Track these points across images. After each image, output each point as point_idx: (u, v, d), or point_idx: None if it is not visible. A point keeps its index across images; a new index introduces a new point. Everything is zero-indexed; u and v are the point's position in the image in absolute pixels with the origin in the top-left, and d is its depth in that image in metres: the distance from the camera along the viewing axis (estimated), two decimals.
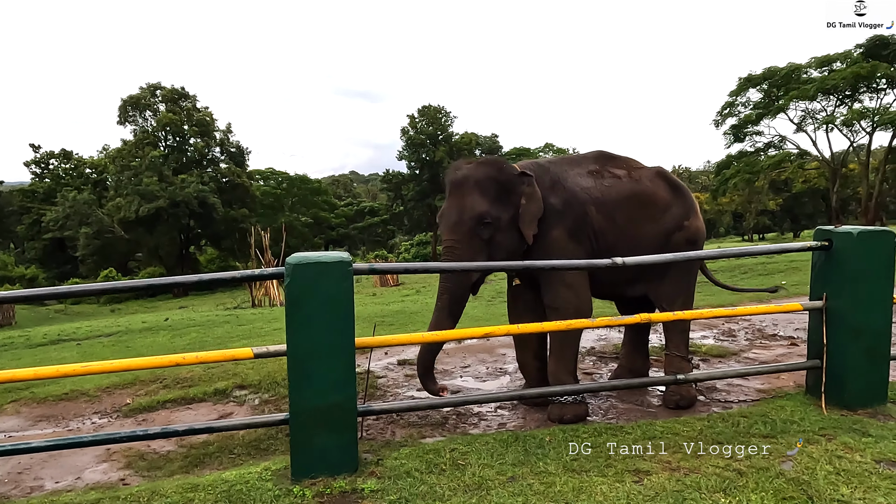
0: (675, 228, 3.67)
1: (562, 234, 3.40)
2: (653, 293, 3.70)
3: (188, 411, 3.99)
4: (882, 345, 3.19)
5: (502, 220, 3.30)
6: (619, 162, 3.77)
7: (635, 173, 3.70)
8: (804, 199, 46.38)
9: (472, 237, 3.26)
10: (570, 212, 3.43)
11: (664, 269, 3.59)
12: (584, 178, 3.58)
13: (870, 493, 2.21)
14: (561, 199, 3.45)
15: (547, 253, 3.36)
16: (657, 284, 3.67)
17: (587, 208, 3.47)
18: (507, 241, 3.34)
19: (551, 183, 3.48)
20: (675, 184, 3.80)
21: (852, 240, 3.09)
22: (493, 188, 3.31)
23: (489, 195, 3.28)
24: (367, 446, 2.94)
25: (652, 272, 3.61)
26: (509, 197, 3.32)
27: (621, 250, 3.40)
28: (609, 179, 3.61)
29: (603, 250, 3.47)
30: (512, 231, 3.34)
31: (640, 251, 3.41)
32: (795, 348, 4.88)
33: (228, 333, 7.50)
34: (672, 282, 3.66)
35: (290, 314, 2.52)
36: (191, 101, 36.90)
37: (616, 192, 3.57)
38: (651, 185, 3.67)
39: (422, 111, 47.08)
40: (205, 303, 19.42)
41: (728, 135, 28.79)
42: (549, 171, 3.55)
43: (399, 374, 4.65)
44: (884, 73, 23.09)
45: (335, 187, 64.92)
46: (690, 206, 3.78)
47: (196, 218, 34.59)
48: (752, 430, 2.90)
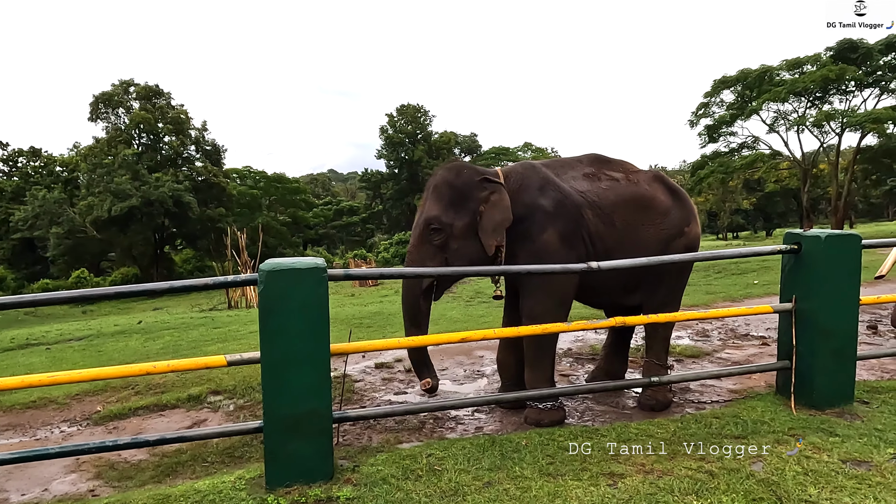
0: (677, 234, 3.57)
1: (553, 237, 3.26)
2: (647, 302, 3.60)
3: (161, 418, 3.92)
4: (849, 346, 3.26)
5: (456, 226, 3.19)
6: (615, 165, 3.69)
7: (633, 176, 3.61)
8: (776, 198, 47.42)
9: (422, 243, 3.21)
10: (563, 214, 3.30)
11: (661, 278, 3.53)
12: (579, 180, 3.47)
13: (836, 493, 2.26)
14: (552, 200, 3.30)
15: (536, 257, 3.22)
16: (651, 294, 3.60)
17: (582, 211, 3.34)
18: (466, 249, 3.21)
19: (541, 184, 3.35)
20: (674, 188, 3.73)
21: (820, 243, 3.15)
22: (448, 193, 3.21)
23: (442, 200, 3.20)
24: (344, 452, 2.92)
25: (649, 281, 3.53)
26: (466, 203, 3.20)
27: (619, 256, 3.30)
28: (606, 182, 3.51)
29: (600, 255, 3.33)
30: (471, 239, 3.22)
31: (640, 256, 3.27)
32: (767, 348, 4.98)
33: (203, 337, 7.39)
34: (666, 290, 3.62)
35: (264, 321, 2.49)
36: (165, 99, 36.25)
37: (614, 195, 3.45)
38: (650, 189, 3.58)
39: (401, 110, 46.99)
40: (180, 304, 19.09)
41: (703, 135, 29.23)
42: (539, 172, 3.43)
43: (376, 377, 4.62)
44: (852, 76, 23.67)
45: (313, 186, 64.37)
46: (690, 211, 3.70)
47: (171, 217, 34.00)
48: (724, 432, 2.94)
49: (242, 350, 5.47)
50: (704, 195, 39.51)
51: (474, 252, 3.23)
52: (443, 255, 3.20)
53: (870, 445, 2.67)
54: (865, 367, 4.18)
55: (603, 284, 3.47)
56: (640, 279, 3.50)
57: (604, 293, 3.62)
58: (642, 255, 3.29)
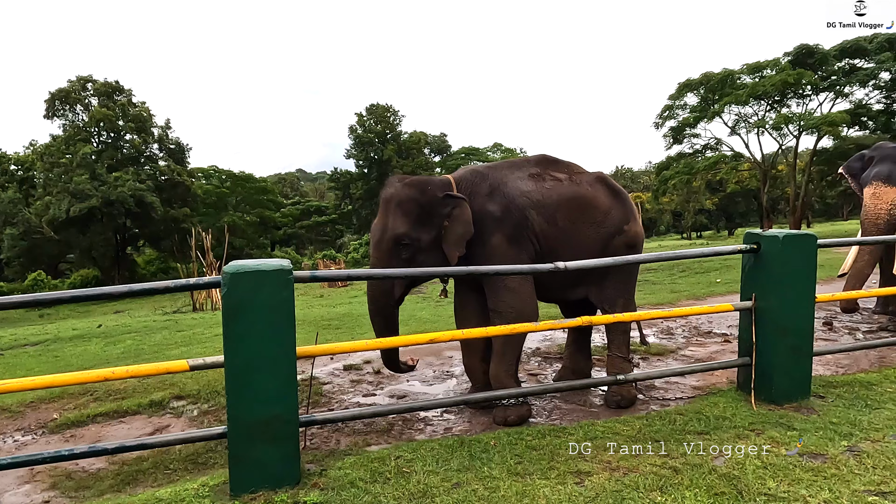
0: (616, 232, 3.75)
1: (501, 240, 3.44)
2: (594, 296, 3.79)
3: (121, 425, 3.80)
4: (805, 342, 3.37)
5: (423, 240, 3.35)
6: (561, 166, 3.83)
7: (576, 177, 3.76)
8: (738, 198, 48.77)
9: (391, 257, 3.33)
10: (510, 218, 3.47)
11: (605, 273, 3.68)
12: (524, 181, 3.62)
13: (794, 485, 2.33)
14: (500, 205, 3.48)
15: (488, 259, 3.40)
16: (599, 288, 3.76)
17: (527, 213, 3.51)
18: (430, 261, 3.38)
19: (490, 190, 3.52)
20: (615, 189, 3.89)
21: (778, 243, 3.25)
22: (415, 210, 3.34)
23: (410, 217, 3.33)
24: (311, 456, 2.88)
25: (593, 276, 3.68)
26: (431, 219, 3.37)
27: (563, 253, 3.47)
28: (550, 182, 3.66)
29: (546, 253, 3.53)
30: (436, 251, 3.39)
31: (581, 254, 3.48)
32: (729, 345, 5.10)
33: (166, 340, 7.21)
34: (613, 285, 3.75)
35: (228, 325, 2.44)
36: (125, 96, 35.22)
37: (557, 196, 3.61)
38: (591, 190, 3.74)
39: (370, 110, 46.72)
40: (142, 307, 18.59)
41: (668, 137, 29.86)
42: (487, 178, 3.59)
43: (345, 379, 4.58)
44: (809, 81, 24.50)
45: (282, 186, 63.51)
46: (630, 210, 3.87)
47: (133, 218, 33.10)
48: (688, 428, 3.00)
49: (207, 354, 5.36)
50: (669, 195, 40.36)
51: (439, 263, 3.41)
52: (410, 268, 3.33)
53: (825, 439, 2.76)
54: (821, 362, 4.32)
55: (549, 280, 3.60)
56: (584, 274, 3.63)
57: (550, 289, 3.76)
58: (584, 252, 3.53)
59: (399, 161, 44.13)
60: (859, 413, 3.09)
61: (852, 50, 24.70)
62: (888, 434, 2.79)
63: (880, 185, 5.12)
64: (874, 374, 3.88)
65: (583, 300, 3.87)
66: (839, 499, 2.20)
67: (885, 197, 5.05)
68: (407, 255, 3.33)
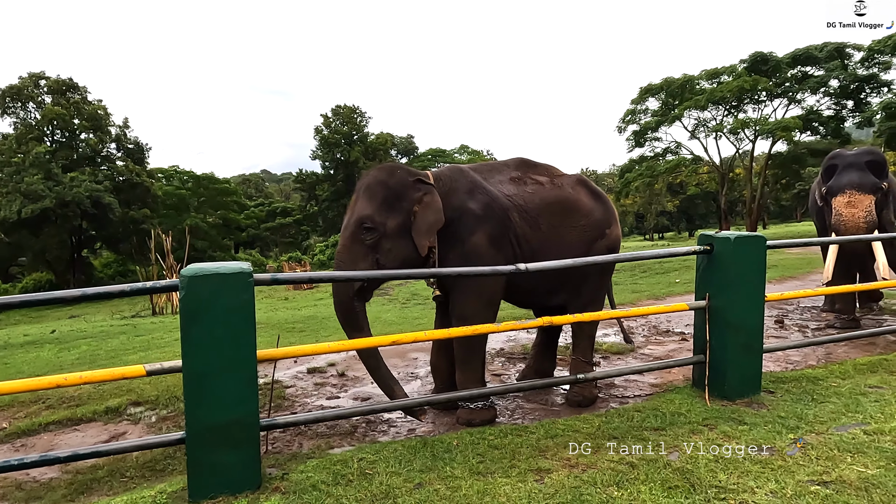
0: (599, 236, 3.72)
1: (482, 239, 3.32)
2: (571, 302, 3.73)
3: (75, 433, 3.69)
4: (756, 340, 3.50)
5: (388, 226, 3.18)
6: (541, 169, 3.80)
7: (557, 180, 3.73)
8: (697, 200, 50.17)
9: (354, 242, 3.17)
10: (491, 217, 3.36)
11: (584, 278, 3.65)
12: (506, 184, 3.56)
13: (743, 477, 2.42)
14: (481, 203, 3.37)
15: (466, 259, 3.28)
16: (576, 294, 3.72)
17: (510, 214, 3.42)
18: (398, 250, 3.22)
19: (470, 187, 3.41)
20: (596, 191, 3.87)
21: (730, 244, 3.37)
22: (381, 193, 3.20)
23: (375, 200, 3.18)
24: (272, 460, 2.86)
25: (572, 281, 3.64)
26: (399, 203, 3.21)
27: (545, 257, 3.40)
28: (532, 186, 3.61)
29: (527, 256, 3.42)
30: (403, 239, 3.23)
31: (564, 258, 3.37)
32: (685, 343, 5.26)
33: (124, 346, 7.02)
34: (589, 291, 3.75)
35: (186, 329, 2.41)
36: (80, 94, 34.06)
37: (539, 199, 3.56)
38: (573, 192, 3.71)
39: (336, 111, 46.35)
40: (99, 311, 18.00)
41: (630, 140, 30.53)
42: (468, 175, 3.49)
43: (308, 382, 4.55)
44: (764, 87, 25.39)
45: (245, 187, 62.44)
46: (611, 213, 3.85)
47: (89, 219, 32.01)
48: (645, 424, 3.09)
49: (167, 358, 5.24)
50: (632, 197, 41.24)
51: (407, 252, 3.24)
52: (374, 256, 3.19)
53: (773, 432, 2.88)
54: (772, 359, 4.49)
55: (530, 285, 3.56)
56: (564, 280, 3.62)
57: (530, 294, 3.73)
58: (566, 256, 3.40)
59: (366, 162, 43.84)
60: (806, 407, 3.22)
61: (804, 58, 25.72)
62: (832, 427, 2.93)
63: (854, 193, 5.22)
64: (820, 369, 4.05)
65: (560, 307, 3.78)
66: (784, 489, 2.30)
67: (861, 204, 5.19)
68: (371, 239, 3.15)
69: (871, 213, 5.16)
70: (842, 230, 5.21)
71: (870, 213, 5.15)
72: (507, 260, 3.36)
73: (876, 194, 5.20)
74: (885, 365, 4.05)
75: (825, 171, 5.62)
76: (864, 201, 5.18)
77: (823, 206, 5.61)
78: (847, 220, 5.18)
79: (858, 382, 3.64)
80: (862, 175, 5.26)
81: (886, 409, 3.13)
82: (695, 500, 2.25)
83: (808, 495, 2.24)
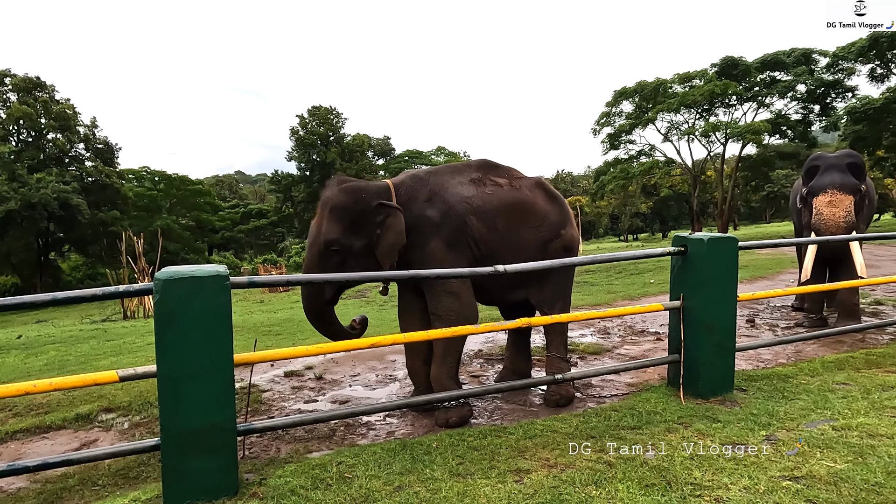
0: (553, 236, 3.86)
1: (439, 245, 3.48)
2: (534, 298, 3.88)
3: (44, 441, 3.60)
4: (729, 339, 3.57)
5: (354, 247, 3.37)
6: (501, 171, 3.91)
7: (516, 182, 3.85)
8: (670, 202, 51.00)
9: (322, 260, 3.35)
10: (448, 223, 3.51)
11: (544, 275, 3.77)
12: (465, 186, 3.67)
13: (717, 474, 2.47)
14: (439, 211, 3.52)
15: (425, 263, 3.44)
16: (538, 290, 3.86)
17: (466, 218, 3.56)
18: (362, 266, 3.39)
19: (429, 195, 3.56)
20: (553, 194, 4.01)
21: (703, 245, 3.44)
22: (347, 217, 3.36)
23: (342, 223, 3.35)
24: (250, 466, 2.82)
25: (532, 278, 3.78)
26: (364, 227, 3.38)
27: (503, 257, 3.53)
28: (490, 188, 3.73)
29: (485, 257, 3.58)
30: (367, 256, 3.41)
31: (520, 258, 3.56)
32: (660, 343, 5.34)
33: (94, 350, 6.86)
34: (552, 287, 3.86)
35: (161, 333, 2.36)
36: (47, 92, 33.22)
37: (497, 200, 3.69)
38: (530, 195, 3.84)
39: (312, 111, 45.99)
40: (68, 316, 17.55)
41: (605, 143, 30.95)
42: (427, 183, 3.62)
43: (286, 386, 4.50)
44: (734, 91, 25.96)
45: (219, 188, 61.56)
46: (567, 215, 4.00)
47: (57, 221, 31.20)
48: (622, 423, 3.13)
49: (139, 363, 5.15)
50: (607, 199, 41.76)
51: (371, 267, 3.43)
52: (341, 272, 3.35)
53: (746, 429, 2.94)
54: (744, 357, 4.59)
55: (491, 283, 3.67)
56: (525, 276, 3.72)
57: (492, 291, 3.82)
58: (523, 257, 3.60)
59: (342, 164, 43.62)
60: (777, 404, 3.30)
61: (772, 63, 26.36)
62: (802, 423, 3.00)
63: (836, 193, 5.37)
64: (790, 367, 4.16)
65: (522, 302, 3.95)
66: (757, 485, 2.35)
67: (842, 204, 5.34)
68: (338, 259, 3.35)
69: (851, 214, 5.32)
70: (822, 229, 5.36)
71: (849, 213, 5.31)
72: (467, 261, 3.54)
73: (856, 195, 5.37)
74: (851, 362, 4.17)
75: (807, 171, 5.75)
76: (844, 201, 5.33)
77: (803, 208, 5.75)
78: (828, 219, 5.33)
79: (827, 380, 3.74)
80: (843, 176, 5.42)
81: (853, 405, 3.22)
82: (671, 497, 2.29)
83: (780, 490, 2.30)
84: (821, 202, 5.42)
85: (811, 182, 5.60)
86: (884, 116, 22.43)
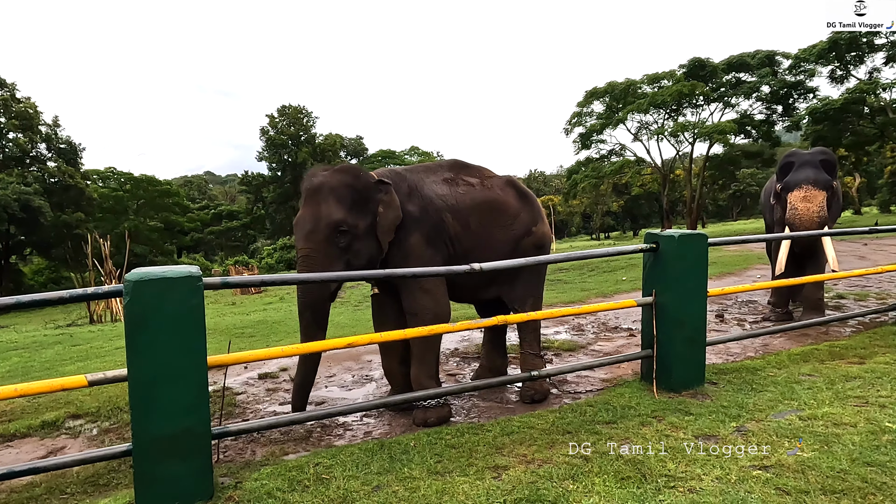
0: (525, 234, 3.90)
1: (419, 240, 3.48)
2: (506, 295, 3.91)
3: (8, 450, 3.48)
4: (699, 333, 3.65)
5: (359, 227, 3.29)
6: (473, 170, 3.94)
7: (487, 181, 3.88)
8: (641, 201, 51.84)
9: (329, 245, 3.22)
10: (428, 218, 3.52)
11: (516, 273, 3.82)
12: (439, 185, 3.69)
13: (690, 466, 2.52)
14: (418, 206, 3.52)
15: (405, 259, 3.43)
16: (510, 287, 3.89)
17: (443, 215, 3.57)
18: (366, 249, 3.34)
19: (409, 191, 3.55)
20: (524, 192, 4.05)
21: (674, 242, 3.50)
22: (350, 196, 3.29)
23: (346, 203, 3.26)
24: (225, 469, 2.78)
25: (504, 276, 3.81)
26: (366, 205, 3.33)
27: (476, 255, 3.56)
28: (463, 187, 3.75)
29: (459, 255, 3.60)
30: (370, 239, 3.36)
31: (493, 256, 3.59)
32: (634, 339, 5.43)
33: (60, 356, 6.67)
34: (523, 284, 3.90)
35: (132, 336, 2.31)
36: (8, 90, 32.17)
37: (470, 199, 3.71)
38: (502, 193, 3.87)
39: (282, 111, 45.46)
40: (31, 321, 17.03)
41: (577, 142, 31.28)
42: (406, 179, 3.61)
43: (260, 388, 4.44)
44: (701, 92, 26.50)
45: (188, 189, 60.44)
46: (538, 212, 4.04)
47: (18, 223, 30.20)
48: (597, 418, 3.17)
49: (108, 368, 5.02)
50: (579, 198, 42.22)
51: (372, 251, 3.37)
52: (346, 257, 3.27)
53: (717, 421, 3.01)
54: (714, 351, 4.69)
55: (466, 281, 3.66)
56: (496, 274, 3.73)
57: (465, 289, 3.84)
58: (495, 254, 3.64)
59: (314, 164, 43.15)
60: (746, 396, 3.39)
61: (738, 64, 26.99)
62: (770, 414, 3.09)
63: (810, 189, 5.52)
64: (759, 360, 4.27)
65: (495, 300, 3.98)
66: (729, 475, 2.41)
67: (815, 199, 5.49)
68: (344, 242, 3.24)
69: (824, 209, 5.49)
70: (796, 224, 5.52)
71: (823, 209, 5.48)
72: (443, 259, 3.54)
73: (828, 191, 5.54)
74: (816, 354, 4.30)
75: (782, 168, 5.90)
76: (818, 197, 5.49)
77: (776, 204, 5.90)
78: (802, 214, 5.49)
79: (793, 371, 3.85)
80: (817, 172, 5.59)
81: (818, 395, 3.32)
82: (646, 489, 2.33)
83: (750, 480, 2.36)
84: (795, 197, 5.57)
85: (786, 178, 5.75)
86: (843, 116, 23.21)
